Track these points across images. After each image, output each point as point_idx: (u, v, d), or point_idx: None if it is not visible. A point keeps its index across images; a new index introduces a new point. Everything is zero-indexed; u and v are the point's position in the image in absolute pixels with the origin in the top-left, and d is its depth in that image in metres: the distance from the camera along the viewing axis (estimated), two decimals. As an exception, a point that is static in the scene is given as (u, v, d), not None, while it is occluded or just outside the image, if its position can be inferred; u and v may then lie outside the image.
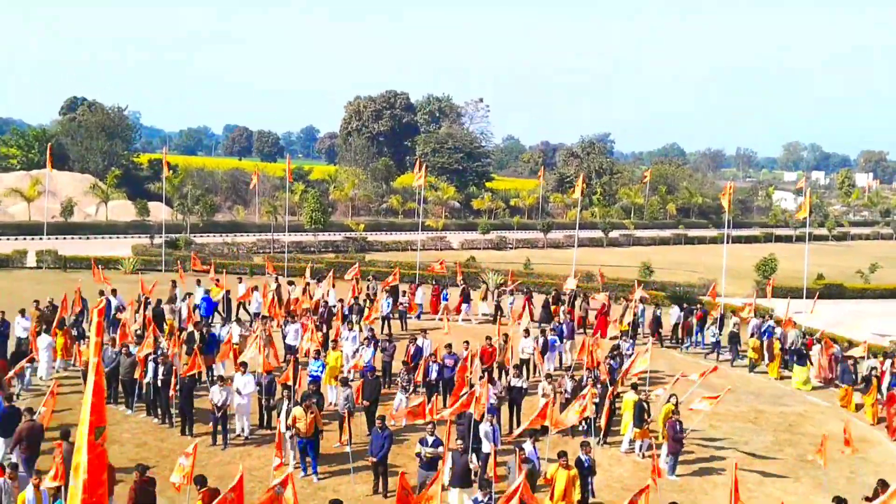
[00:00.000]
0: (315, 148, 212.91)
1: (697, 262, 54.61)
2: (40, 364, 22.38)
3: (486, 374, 21.10)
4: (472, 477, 15.57)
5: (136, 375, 20.30)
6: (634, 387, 20.39)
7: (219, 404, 18.47)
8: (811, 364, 26.59)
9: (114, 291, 27.63)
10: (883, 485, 13.88)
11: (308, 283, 31.16)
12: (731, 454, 19.74)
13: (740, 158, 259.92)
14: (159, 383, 19.73)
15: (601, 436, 19.83)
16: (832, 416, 23.40)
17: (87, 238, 56.68)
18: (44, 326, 23.64)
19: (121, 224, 62.11)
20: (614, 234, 71.81)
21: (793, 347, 27.84)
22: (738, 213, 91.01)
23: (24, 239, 50.55)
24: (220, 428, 18.72)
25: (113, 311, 26.18)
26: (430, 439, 15.67)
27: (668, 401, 19.00)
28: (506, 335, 24.69)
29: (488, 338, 23.74)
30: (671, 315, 31.61)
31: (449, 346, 22.47)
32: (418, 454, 15.68)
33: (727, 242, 45.27)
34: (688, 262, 54.62)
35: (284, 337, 24.86)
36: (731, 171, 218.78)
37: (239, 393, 19.04)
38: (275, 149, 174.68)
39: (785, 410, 23.85)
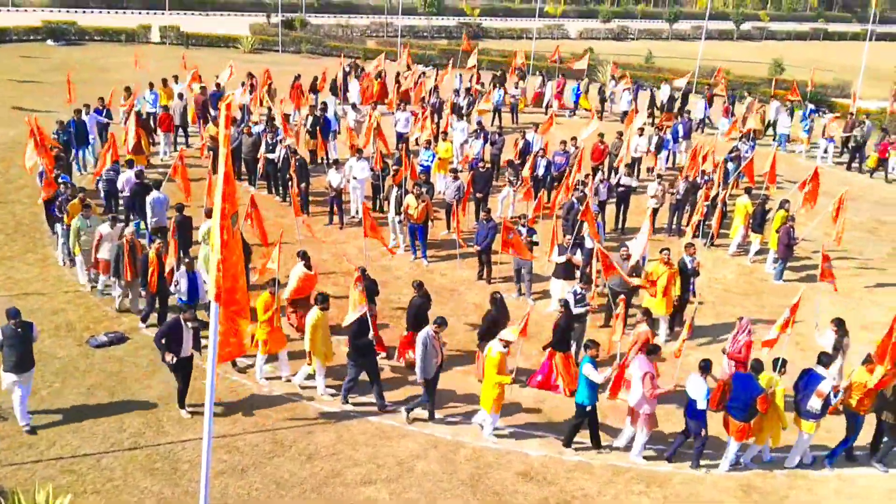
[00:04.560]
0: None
1: (834, 60, 50.57)
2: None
3: (595, 171, 21.04)
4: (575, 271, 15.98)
5: (258, 154, 21.24)
6: (748, 191, 19.91)
7: (335, 186, 19.26)
8: None
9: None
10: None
11: (424, 72, 30.92)
12: (842, 263, 19.38)
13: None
14: (279, 162, 20.64)
15: (710, 238, 19.73)
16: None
17: (207, 15, 57.20)
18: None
19: (237, 2, 62.13)
20: (746, 26, 66.76)
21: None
22: (888, 8, 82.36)
23: (148, 13, 51.59)
24: (335, 209, 19.65)
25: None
26: (524, 230, 16.05)
27: (782, 207, 18.52)
28: (619, 133, 24.18)
29: (601, 135, 23.32)
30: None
31: (564, 142, 22.26)
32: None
33: (869, 39, 41.41)
34: (823, 60, 50.67)
35: (396, 124, 25.13)
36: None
37: (354, 177, 19.74)
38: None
39: (906, 222, 22.92)
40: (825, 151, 28.74)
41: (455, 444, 11.75)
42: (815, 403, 11.28)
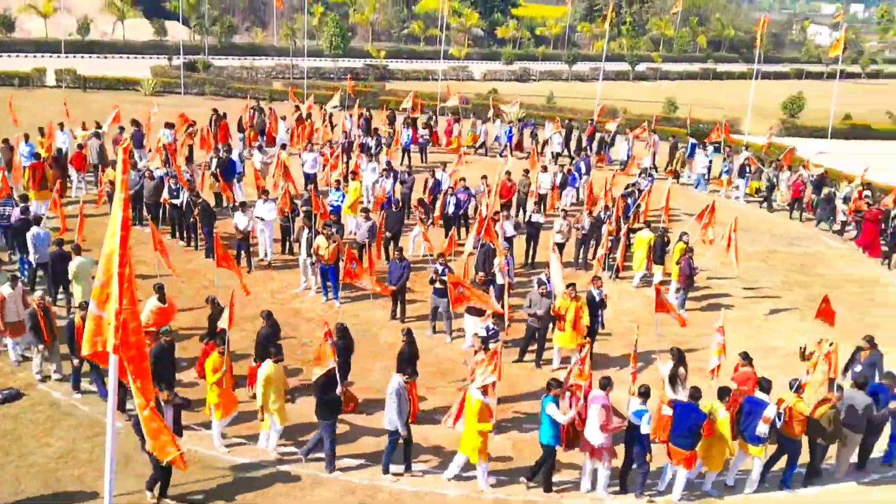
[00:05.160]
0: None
1: (724, 98, 53.30)
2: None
3: (503, 208, 21.41)
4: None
5: (161, 199, 20.73)
6: (648, 224, 20.64)
7: (241, 229, 18.95)
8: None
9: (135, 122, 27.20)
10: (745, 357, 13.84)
11: (330, 114, 30.95)
12: (740, 293, 20.27)
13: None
14: (183, 207, 20.20)
15: (614, 271, 20.31)
16: (845, 259, 23.73)
17: (105, 57, 55.79)
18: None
19: (137, 44, 60.86)
20: (641, 67, 69.71)
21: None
22: (770, 48, 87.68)
23: (42, 56, 49.90)
24: (243, 253, 19.31)
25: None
26: (442, 268, 16.19)
27: (681, 239, 19.27)
28: (526, 170, 24.75)
29: (507, 172, 23.79)
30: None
31: (462, 179, 22.61)
32: (431, 281, 16.24)
33: (756, 79, 43.94)
34: (714, 99, 53.30)
35: (303, 165, 25.00)
36: (766, 2, 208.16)
37: (261, 219, 19.48)
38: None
39: (798, 251, 24.17)
40: (737, 189, 29.53)
41: (372, 489, 11.58)
42: (762, 429, 11.62)
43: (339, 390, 11.80)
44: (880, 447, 13.16)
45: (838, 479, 12.78)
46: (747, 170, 29.49)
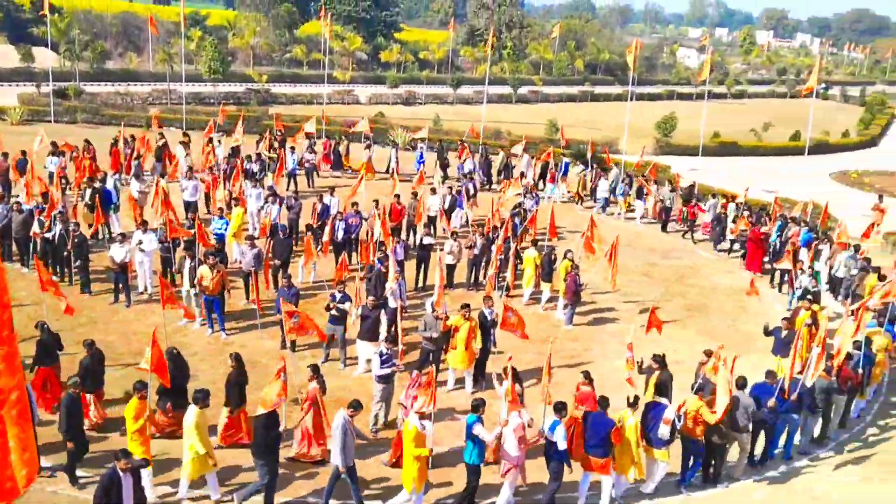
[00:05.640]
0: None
1: (602, 119, 55.35)
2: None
3: (394, 232, 21.38)
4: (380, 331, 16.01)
5: (31, 233, 19.60)
6: (535, 243, 21.06)
7: (118, 261, 18.13)
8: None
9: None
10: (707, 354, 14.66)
11: (210, 139, 30.15)
12: (623, 306, 20.94)
13: (648, 14, 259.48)
14: (55, 240, 19.17)
15: (505, 290, 20.58)
16: (718, 270, 24.92)
17: (-34, 85, 52.57)
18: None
19: (4, 71, 57.65)
20: (523, 90, 71.51)
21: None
22: (644, 71, 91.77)
23: None
24: (121, 286, 18.47)
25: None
26: (339, 295, 15.96)
27: (566, 257, 19.76)
28: (414, 193, 24.83)
29: (396, 196, 23.80)
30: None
31: (355, 203, 22.46)
32: (328, 308, 15.99)
33: (631, 100, 45.83)
34: (593, 120, 55.28)
35: (184, 192, 24.22)
36: (638, 27, 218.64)
37: (141, 250, 18.72)
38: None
39: (676, 264, 25.22)
40: (642, 215, 29.92)
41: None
42: (664, 431, 12.02)
43: (280, 429, 11.45)
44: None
45: (737, 478, 13.39)
46: (644, 191, 30.11)
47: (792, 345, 14.18)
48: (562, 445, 11.48)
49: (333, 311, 15.81)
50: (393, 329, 15.94)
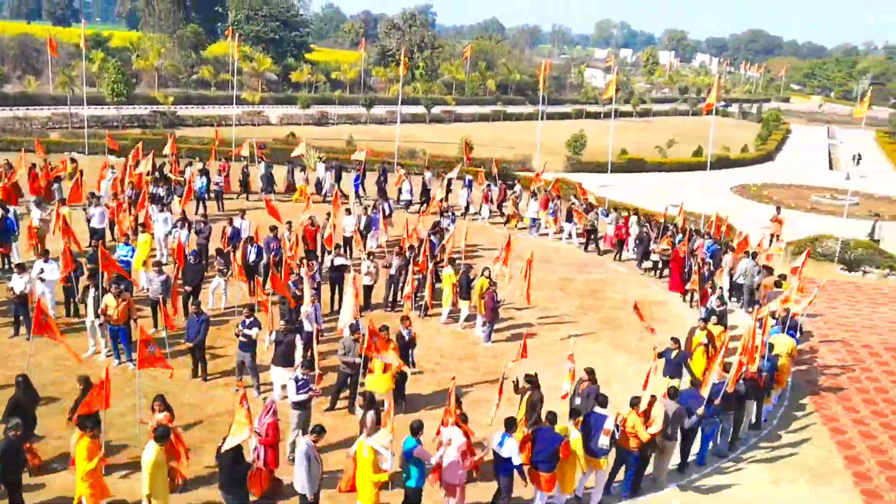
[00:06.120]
0: (114, 11, 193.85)
1: (514, 138, 56.18)
2: None
3: (308, 255, 21.06)
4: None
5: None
6: (452, 262, 21.07)
7: (18, 292, 17.22)
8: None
9: None
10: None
11: (112, 165, 29.14)
12: (540, 321, 21.14)
13: (556, 35, 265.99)
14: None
15: (423, 309, 20.47)
16: (631, 284, 25.48)
17: None
18: None
19: None
20: (436, 110, 71.98)
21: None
22: (553, 91, 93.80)
23: None
24: (21, 318, 17.53)
25: None
26: (248, 321, 15.55)
27: (483, 274, 19.84)
28: (328, 213, 24.52)
29: (310, 218, 23.47)
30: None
31: (274, 227, 22.02)
32: (237, 334, 15.57)
33: (541, 119, 46.65)
34: (506, 139, 56.06)
35: (89, 220, 23.30)
36: (546, 48, 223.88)
37: (42, 279, 17.84)
38: (68, 11, 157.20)
39: (590, 278, 25.66)
40: (569, 235, 29.90)
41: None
42: (603, 441, 12.28)
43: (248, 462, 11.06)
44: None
45: (662, 484, 13.66)
46: (574, 214, 29.87)
47: (682, 366, 14.56)
48: (517, 460, 11.65)
49: (241, 338, 15.39)
50: (309, 354, 15.60)
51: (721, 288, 21.43)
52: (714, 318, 18.67)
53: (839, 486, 14.14)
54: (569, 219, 30.01)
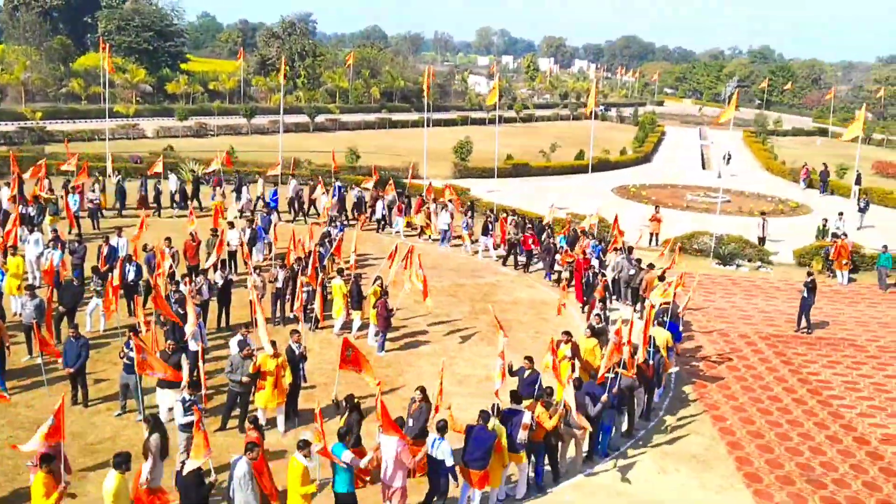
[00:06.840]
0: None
1: (400, 145, 56.34)
2: None
3: (191, 271, 20.47)
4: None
5: None
6: (340, 272, 20.91)
7: None
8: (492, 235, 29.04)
9: None
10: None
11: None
12: (433, 327, 21.25)
13: (438, 42, 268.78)
14: None
15: (314, 322, 20.17)
16: (519, 285, 26.00)
17: None
18: None
19: None
20: (320, 119, 71.31)
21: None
22: (437, 98, 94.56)
23: None
24: None
25: None
26: (132, 343, 14.93)
27: (375, 283, 19.76)
28: (213, 230, 23.86)
29: (191, 233, 22.78)
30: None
31: (146, 245, 21.25)
32: (121, 356, 14.95)
33: (427, 126, 46.96)
34: (392, 146, 56.15)
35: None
36: (430, 55, 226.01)
37: None
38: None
39: (480, 282, 26.01)
40: (485, 248, 29.37)
41: None
42: (522, 436, 12.65)
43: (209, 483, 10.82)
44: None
45: (579, 471, 14.31)
46: (490, 227, 29.42)
47: (535, 385, 14.70)
48: (450, 462, 11.94)
49: (125, 360, 14.78)
50: (195, 373, 15.11)
51: (602, 301, 20.76)
52: (588, 332, 17.81)
53: (723, 472, 14.84)
54: (485, 232, 29.40)
